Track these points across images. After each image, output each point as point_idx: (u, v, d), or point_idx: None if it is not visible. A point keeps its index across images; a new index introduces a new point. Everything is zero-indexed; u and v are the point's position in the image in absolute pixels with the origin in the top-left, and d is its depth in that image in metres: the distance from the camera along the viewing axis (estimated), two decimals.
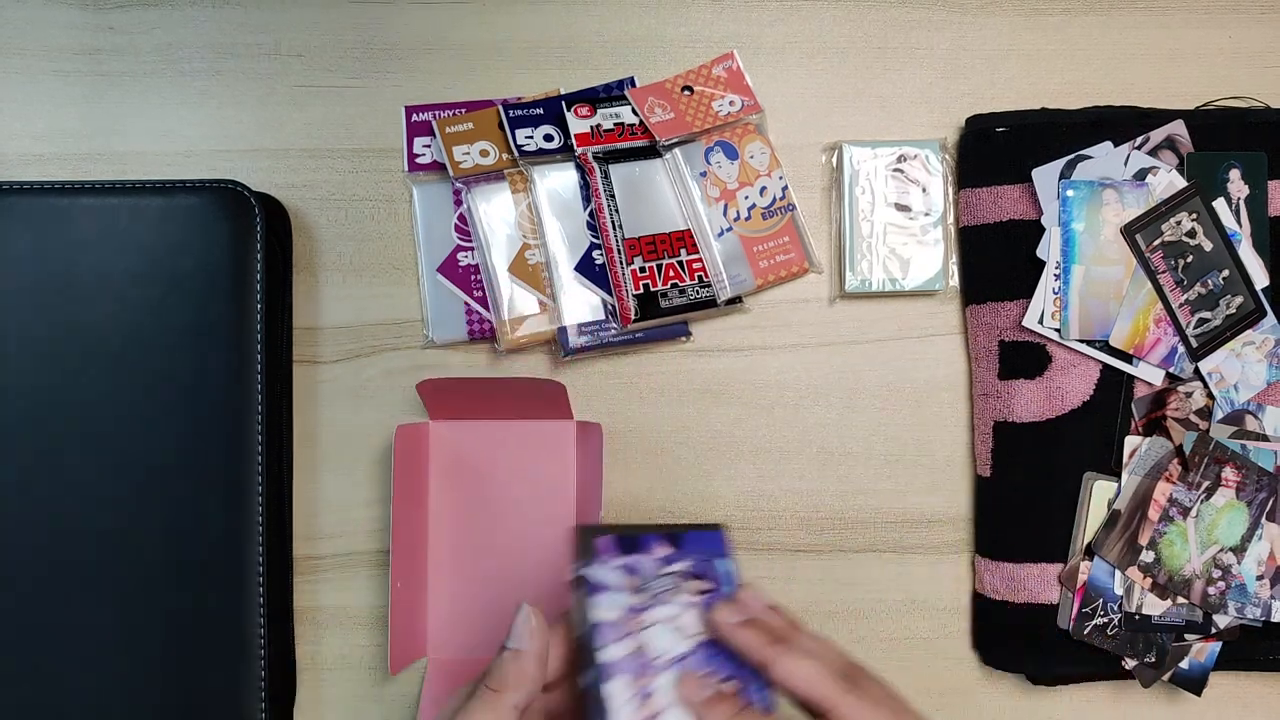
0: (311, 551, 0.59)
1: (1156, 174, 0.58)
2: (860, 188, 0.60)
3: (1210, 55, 0.62)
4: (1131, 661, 0.56)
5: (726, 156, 0.60)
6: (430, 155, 0.60)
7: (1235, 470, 0.56)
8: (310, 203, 0.60)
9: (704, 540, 0.47)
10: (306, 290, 0.60)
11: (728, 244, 0.60)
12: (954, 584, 0.60)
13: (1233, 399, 0.57)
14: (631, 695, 0.41)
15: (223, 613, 0.53)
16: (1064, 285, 0.57)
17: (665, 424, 0.60)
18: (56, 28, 0.61)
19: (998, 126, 0.59)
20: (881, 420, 0.61)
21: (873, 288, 0.59)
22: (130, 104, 0.60)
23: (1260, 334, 0.57)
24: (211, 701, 0.53)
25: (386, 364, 0.60)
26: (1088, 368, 0.57)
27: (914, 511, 0.60)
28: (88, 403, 0.53)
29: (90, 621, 0.52)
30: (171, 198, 0.55)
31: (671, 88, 0.61)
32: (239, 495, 0.53)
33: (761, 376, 0.61)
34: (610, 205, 0.58)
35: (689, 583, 0.45)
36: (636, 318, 0.58)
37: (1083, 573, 0.57)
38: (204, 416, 0.54)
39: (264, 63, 0.61)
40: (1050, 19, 0.62)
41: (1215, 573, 0.56)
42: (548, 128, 0.59)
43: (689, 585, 0.45)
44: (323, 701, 0.59)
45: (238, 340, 0.54)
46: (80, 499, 0.53)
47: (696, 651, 0.43)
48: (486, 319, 0.59)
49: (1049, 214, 0.57)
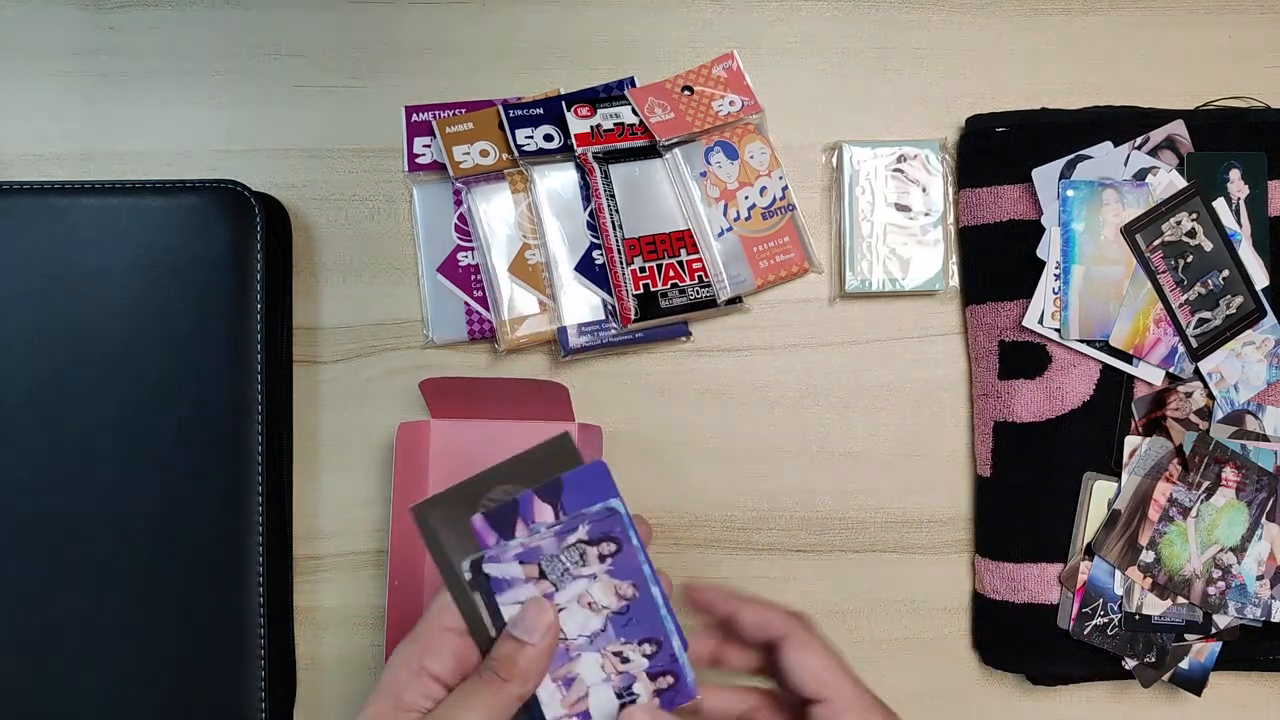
0: (311, 551, 0.59)
1: (1156, 174, 0.58)
2: (860, 188, 0.60)
3: (1210, 55, 0.62)
4: (1131, 661, 0.56)
5: (726, 156, 0.60)
6: (430, 155, 0.60)
7: (1235, 470, 0.56)
8: (310, 203, 0.60)
9: (585, 485, 0.43)
10: (306, 290, 0.60)
11: (728, 244, 0.60)
12: (954, 584, 0.60)
13: (1233, 399, 0.57)
14: (555, 687, 0.41)
15: (223, 613, 0.53)
16: (1064, 285, 0.57)
17: (665, 424, 0.60)
18: (56, 28, 0.61)
19: (998, 126, 0.59)
20: (881, 420, 0.61)
21: (873, 288, 0.59)
22: (130, 104, 0.60)
23: (1260, 334, 0.57)
24: (211, 701, 0.53)
25: (386, 364, 0.60)
26: (1088, 368, 0.57)
27: (914, 511, 0.60)
28: (87, 402, 0.53)
29: (89, 621, 0.52)
30: (171, 198, 0.55)
31: (671, 88, 0.61)
32: (239, 495, 0.53)
33: (761, 376, 0.61)
34: (610, 205, 0.58)
35: (593, 549, 0.42)
36: (636, 318, 0.58)
37: (1083, 573, 0.57)
38: (204, 416, 0.54)
39: (264, 63, 0.61)
40: (1050, 19, 0.62)
41: (1215, 573, 0.56)
42: (548, 128, 0.59)
43: (593, 552, 0.42)
44: (323, 701, 0.59)
45: (238, 340, 0.54)
46: (80, 498, 0.53)
47: (608, 626, 0.42)
48: (486, 319, 0.59)
49: (1049, 214, 0.57)
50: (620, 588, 0.42)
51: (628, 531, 0.42)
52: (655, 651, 0.42)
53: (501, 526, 0.42)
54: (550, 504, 0.42)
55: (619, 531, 0.42)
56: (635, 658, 0.42)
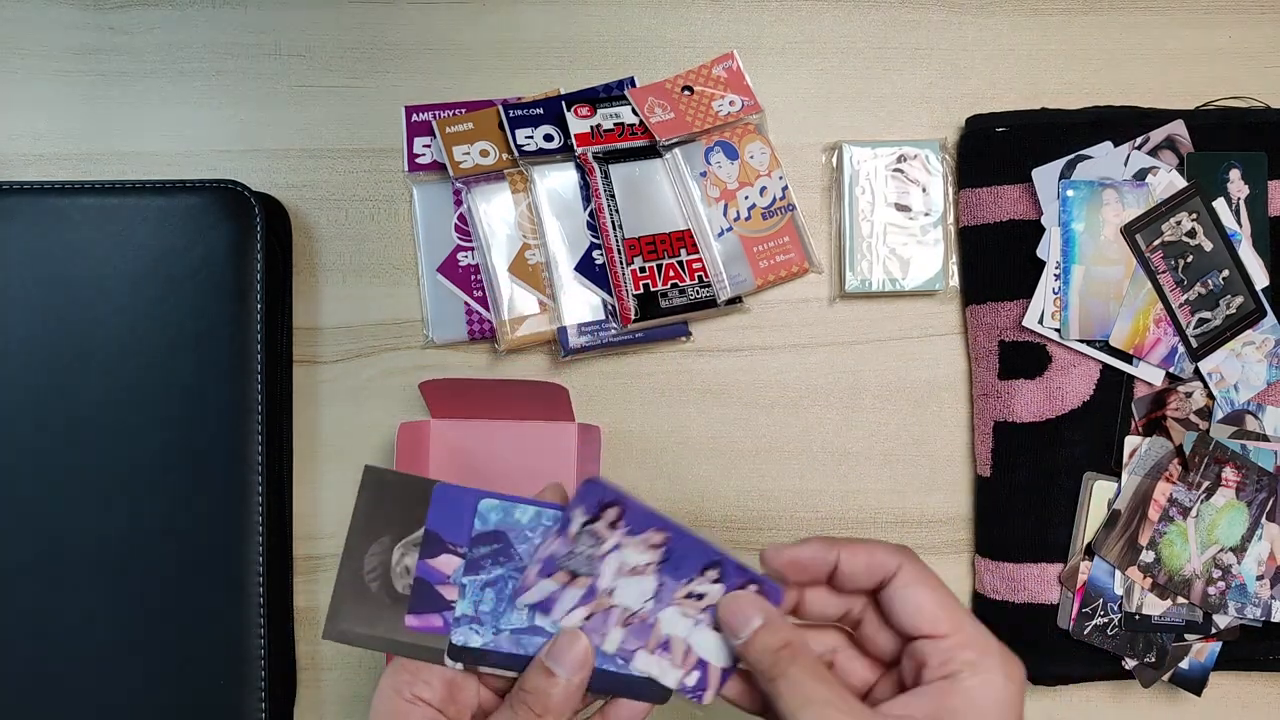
0: (311, 551, 0.59)
1: (1156, 174, 0.58)
2: (860, 188, 0.60)
3: (1210, 55, 0.62)
4: (1131, 661, 0.56)
5: (726, 156, 0.60)
6: (430, 155, 0.60)
7: (1235, 470, 0.56)
8: (310, 203, 0.60)
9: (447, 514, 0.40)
10: (306, 290, 0.60)
11: (728, 244, 0.60)
12: (954, 584, 0.60)
13: (1233, 399, 0.57)
14: (656, 656, 0.40)
15: (223, 613, 0.53)
16: (1064, 285, 0.57)
17: (665, 424, 0.60)
18: (57, 28, 0.61)
19: (998, 126, 0.59)
20: (881, 420, 0.61)
21: (873, 288, 0.59)
22: (130, 104, 0.60)
23: (1260, 334, 0.57)
24: (211, 701, 0.53)
25: (386, 364, 0.60)
26: (1088, 368, 0.57)
27: (914, 511, 0.60)
28: (87, 403, 0.53)
29: (89, 621, 0.52)
30: (171, 198, 0.55)
31: (671, 88, 0.61)
32: (239, 495, 0.53)
33: (761, 376, 0.61)
34: (610, 205, 0.58)
35: (599, 523, 0.40)
36: (636, 318, 0.58)
37: (1083, 573, 0.57)
38: (204, 416, 0.54)
39: (264, 63, 0.61)
40: (1050, 19, 0.62)
41: (1215, 573, 0.56)
42: (548, 128, 0.59)
43: (601, 526, 0.40)
44: (323, 701, 0.59)
45: (238, 340, 0.54)
46: (80, 498, 0.53)
47: (662, 579, 0.40)
48: (486, 319, 0.59)
49: (1049, 214, 0.57)
50: (648, 538, 0.40)
51: (618, 492, 0.40)
52: (720, 573, 0.40)
53: (430, 606, 0.40)
54: (443, 553, 0.40)
55: (610, 496, 0.40)
56: (706, 587, 0.40)
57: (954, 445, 0.61)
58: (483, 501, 0.40)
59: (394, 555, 0.40)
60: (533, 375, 0.60)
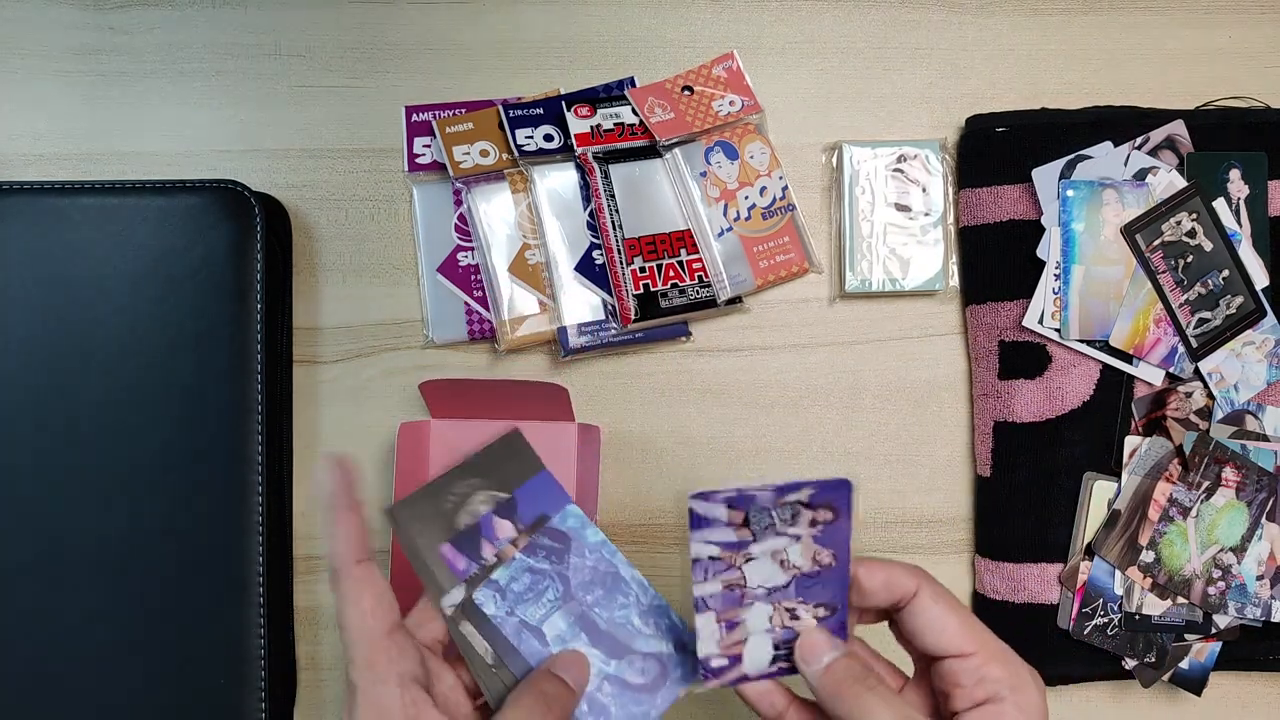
0: (311, 551, 0.59)
1: (1156, 174, 0.58)
2: (860, 188, 0.60)
3: (1210, 55, 0.62)
4: (1131, 661, 0.56)
5: (726, 156, 0.60)
6: (430, 155, 0.60)
7: (1235, 470, 0.56)
8: (310, 203, 0.60)
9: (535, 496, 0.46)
10: (306, 290, 0.60)
11: (728, 244, 0.60)
12: (954, 584, 0.60)
13: (1233, 399, 0.57)
14: (717, 626, 0.41)
15: (223, 613, 0.53)
16: (1064, 285, 0.57)
17: (665, 424, 0.60)
18: (57, 28, 0.61)
19: (998, 126, 0.59)
20: (881, 420, 0.61)
21: (873, 288, 0.59)
22: (130, 104, 0.60)
23: (1260, 334, 0.57)
24: (211, 701, 0.53)
25: (386, 364, 0.60)
26: (1088, 368, 0.57)
27: (914, 511, 0.60)
28: (87, 403, 0.53)
29: (89, 621, 0.52)
30: (171, 198, 0.55)
31: (671, 88, 0.61)
32: (239, 495, 0.53)
33: (761, 376, 0.61)
34: (610, 205, 0.58)
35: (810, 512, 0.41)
36: (636, 318, 0.58)
37: (1083, 573, 0.57)
38: (204, 416, 0.54)
39: (264, 63, 0.61)
40: (1050, 19, 0.62)
41: (1215, 573, 0.56)
42: (548, 128, 0.59)
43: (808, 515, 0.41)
44: (323, 701, 0.59)
45: (238, 340, 0.54)
46: (80, 498, 0.53)
47: (792, 585, 0.41)
48: (486, 319, 0.59)
49: (1049, 214, 0.57)
50: (820, 554, 0.41)
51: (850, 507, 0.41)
52: (827, 616, 0.42)
53: (469, 550, 0.44)
54: (508, 519, 0.45)
55: (842, 503, 0.41)
56: (806, 617, 0.42)
57: (954, 445, 0.61)
58: (570, 505, 0.46)
59: (476, 496, 0.45)
60: (533, 375, 0.60)
